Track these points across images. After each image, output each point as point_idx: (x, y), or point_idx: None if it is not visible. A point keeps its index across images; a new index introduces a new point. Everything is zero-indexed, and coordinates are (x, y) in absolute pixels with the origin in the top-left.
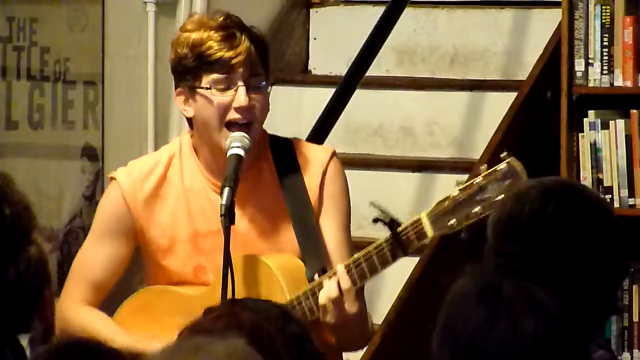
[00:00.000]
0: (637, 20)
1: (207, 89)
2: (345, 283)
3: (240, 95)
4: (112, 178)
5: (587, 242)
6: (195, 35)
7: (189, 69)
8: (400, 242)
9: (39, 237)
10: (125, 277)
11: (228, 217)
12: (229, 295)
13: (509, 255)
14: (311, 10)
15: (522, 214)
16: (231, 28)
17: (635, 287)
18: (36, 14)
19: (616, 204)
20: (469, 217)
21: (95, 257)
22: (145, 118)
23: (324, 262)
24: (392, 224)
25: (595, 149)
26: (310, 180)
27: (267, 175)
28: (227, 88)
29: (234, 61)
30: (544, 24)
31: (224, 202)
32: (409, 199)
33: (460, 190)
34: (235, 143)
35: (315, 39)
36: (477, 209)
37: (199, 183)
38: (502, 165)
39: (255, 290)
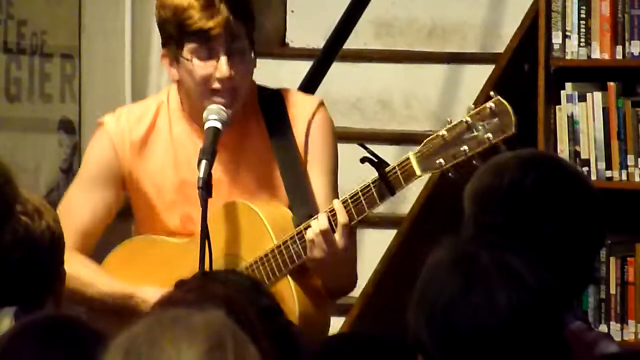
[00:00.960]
0: None
1: (188, 60)
2: (343, 217)
3: (222, 66)
4: (100, 123)
5: (565, 211)
6: (177, 1)
7: (171, 35)
8: (387, 182)
9: (54, 216)
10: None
11: (205, 189)
12: (207, 267)
13: (490, 225)
14: None
15: (501, 184)
16: None
17: (612, 259)
18: None
19: (593, 177)
20: (456, 155)
21: (82, 203)
22: (122, 91)
23: (311, 209)
24: (380, 164)
25: (572, 122)
26: (298, 129)
27: (254, 125)
28: (209, 57)
29: (213, 32)
30: None
31: (201, 175)
32: None
33: (447, 129)
34: (212, 116)
35: (292, 11)
36: (464, 147)
37: (186, 132)
38: (490, 104)
39: (241, 235)
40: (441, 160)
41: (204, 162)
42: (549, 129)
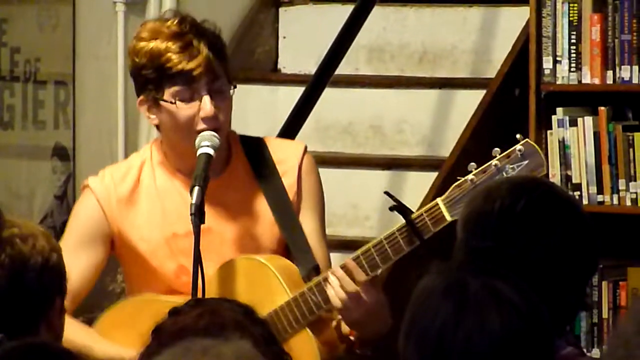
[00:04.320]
0: (604, 18)
1: (171, 102)
2: (359, 275)
3: (205, 105)
4: (85, 186)
5: (557, 237)
6: (152, 45)
7: (150, 80)
8: (415, 229)
9: (51, 244)
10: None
11: (198, 216)
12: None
13: (480, 250)
14: (280, 9)
15: (492, 209)
16: (187, 34)
17: (604, 283)
18: (6, 14)
19: (585, 201)
20: None
21: (70, 266)
22: (115, 117)
23: (314, 260)
24: (406, 211)
25: (563, 146)
26: (287, 176)
27: (242, 174)
28: (192, 98)
29: (195, 72)
30: (512, 21)
31: (194, 201)
32: (378, 196)
33: (475, 173)
34: (205, 142)
35: (284, 37)
36: None
37: (172, 185)
38: (518, 146)
39: (250, 289)
40: None
41: (196, 188)
42: None
